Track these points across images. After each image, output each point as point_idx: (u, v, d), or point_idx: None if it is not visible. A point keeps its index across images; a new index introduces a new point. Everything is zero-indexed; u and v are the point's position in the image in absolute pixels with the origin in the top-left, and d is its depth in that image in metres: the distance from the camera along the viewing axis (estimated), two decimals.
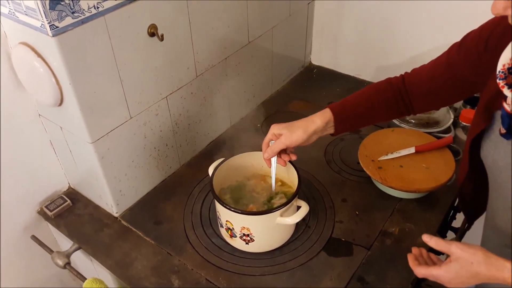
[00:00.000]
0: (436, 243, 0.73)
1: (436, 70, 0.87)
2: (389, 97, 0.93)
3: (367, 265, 0.97)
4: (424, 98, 0.91)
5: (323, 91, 1.56)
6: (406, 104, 0.93)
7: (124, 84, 0.96)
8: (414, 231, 1.05)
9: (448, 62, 0.85)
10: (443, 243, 0.72)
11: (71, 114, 0.92)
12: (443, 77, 0.86)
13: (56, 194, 1.17)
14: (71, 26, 0.80)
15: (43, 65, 0.85)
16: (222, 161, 1.03)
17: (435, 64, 0.88)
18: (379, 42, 1.50)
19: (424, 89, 0.90)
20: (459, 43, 0.84)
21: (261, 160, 1.03)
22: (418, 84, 0.91)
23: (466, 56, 0.81)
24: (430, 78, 0.88)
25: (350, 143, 1.30)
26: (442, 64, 0.86)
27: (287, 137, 0.90)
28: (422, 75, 0.90)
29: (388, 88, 0.93)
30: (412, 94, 0.92)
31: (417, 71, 0.93)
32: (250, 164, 1.07)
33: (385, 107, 0.94)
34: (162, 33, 0.95)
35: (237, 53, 1.28)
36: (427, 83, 0.89)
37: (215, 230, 1.06)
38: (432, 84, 0.88)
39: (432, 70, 0.88)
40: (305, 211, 0.93)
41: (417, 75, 0.92)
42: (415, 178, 1.06)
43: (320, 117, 0.92)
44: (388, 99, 0.93)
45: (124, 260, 1.01)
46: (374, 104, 0.93)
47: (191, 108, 1.19)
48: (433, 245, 0.73)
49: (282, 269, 0.97)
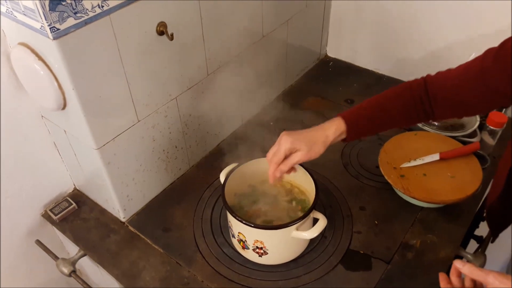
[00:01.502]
0: (470, 271, 0.67)
1: (466, 77, 0.79)
2: (408, 103, 0.85)
3: (387, 281, 0.92)
4: (448, 106, 0.84)
5: (340, 87, 1.48)
6: (427, 111, 0.85)
7: (131, 87, 0.90)
8: (436, 243, 0.99)
9: (482, 70, 0.77)
10: (479, 272, 0.66)
11: (75, 119, 0.86)
12: (474, 86, 0.78)
13: (61, 196, 1.12)
14: (73, 28, 0.73)
15: (44, 68, 0.79)
16: (234, 168, 0.98)
17: (465, 69, 0.80)
18: (399, 34, 1.41)
19: (449, 97, 0.82)
20: (496, 50, 0.75)
21: None
22: (442, 90, 0.83)
23: (503, 65, 0.73)
24: (457, 85, 0.80)
25: (369, 145, 1.23)
26: (473, 71, 0.78)
27: (306, 155, 0.82)
28: (448, 81, 0.82)
29: (407, 93, 0.86)
30: (435, 100, 0.84)
31: (443, 75, 0.84)
32: (265, 169, 1.01)
33: (403, 114, 0.86)
34: (172, 32, 0.88)
35: (250, 48, 1.20)
36: (453, 90, 0.81)
37: (226, 238, 1.01)
38: (460, 92, 0.80)
39: (461, 76, 0.80)
40: (322, 225, 0.88)
41: (442, 80, 0.84)
42: (439, 188, 0.99)
43: (332, 129, 0.85)
44: (407, 106, 0.85)
45: (132, 270, 0.96)
46: (391, 111, 0.86)
47: (201, 107, 1.12)
48: (467, 273, 0.67)
49: (297, 283, 0.92)
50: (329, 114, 0.87)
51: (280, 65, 1.39)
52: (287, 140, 0.82)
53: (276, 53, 1.34)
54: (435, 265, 0.94)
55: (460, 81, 0.80)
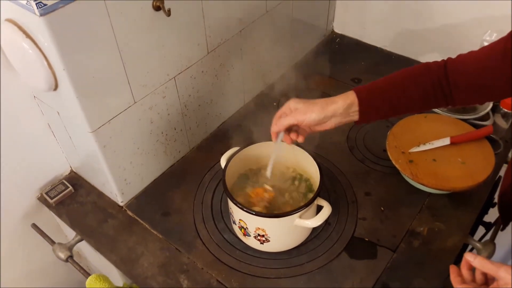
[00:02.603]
0: (481, 264, 0.64)
1: (489, 60, 0.74)
2: (426, 85, 0.79)
3: (392, 270, 0.89)
4: (469, 91, 0.78)
5: (346, 65, 1.42)
6: (446, 95, 0.79)
7: (127, 67, 0.85)
8: (444, 231, 0.95)
9: (505, 52, 0.71)
10: (490, 265, 0.63)
11: (67, 101, 0.82)
12: (497, 68, 0.73)
13: (57, 178, 1.09)
14: (62, 3, 0.68)
15: (32, 46, 0.74)
16: (236, 152, 0.93)
17: (488, 52, 0.74)
18: (409, 9, 1.34)
19: (472, 81, 0.77)
20: None
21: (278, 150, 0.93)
22: (464, 73, 0.77)
23: None
24: (480, 68, 0.75)
25: (376, 127, 1.19)
26: (497, 54, 0.72)
27: (301, 112, 0.80)
28: (470, 64, 0.77)
29: (425, 74, 0.79)
30: (456, 84, 0.78)
31: (464, 58, 0.78)
32: (267, 154, 0.97)
33: (421, 96, 0.80)
34: (169, 7, 0.83)
35: (253, 24, 1.14)
36: (476, 74, 0.76)
37: (227, 224, 0.98)
38: (483, 76, 0.75)
39: (484, 59, 0.75)
40: (327, 213, 0.84)
41: (463, 63, 0.78)
42: (449, 175, 0.95)
43: (342, 98, 0.80)
44: (426, 88, 0.79)
45: (130, 256, 0.94)
46: (408, 91, 0.80)
47: (201, 88, 1.07)
48: (478, 266, 0.64)
49: (300, 271, 0.90)
50: (335, 94, 0.82)
51: (284, 43, 1.32)
52: (291, 101, 0.83)
53: (281, 30, 1.27)
54: (442, 253, 0.91)
55: (483, 64, 0.74)
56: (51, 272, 1.21)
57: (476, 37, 1.22)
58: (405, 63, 1.43)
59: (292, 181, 0.97)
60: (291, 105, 0.82)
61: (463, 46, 1.29)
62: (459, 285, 0.66)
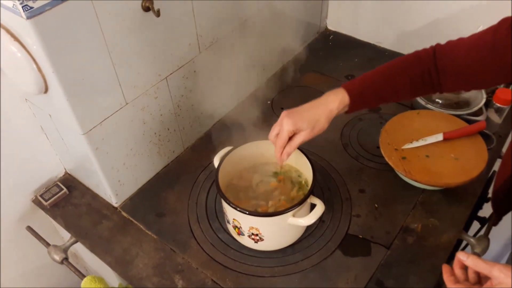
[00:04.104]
0: (474, 263, 0.64)
1: (478, 49, 0.74)
2: (416, 74, 0.81)
3: (386, 267, 0.89)
4: (456, 78, 0.79)
5: (340, 62, 1.42)
6: (434, 83, 0.81)
7: (117, 68, 0.84)
8: (438, 227, 0.96)
9: (494, 44, 0.71)
10: (483, 265, 0.63)
11: (58, 103, 0.81)
12: (486, 59, 0.73)
13: (51, 181, 1.09)
14: (49, 6, 0.68)
15: (21, 50, 0.74)
16: (229, 151, 0.93)
17: (477, 41, 0.74)
18: (402, 5, 1.34)
19: (459, 68, 0.77)
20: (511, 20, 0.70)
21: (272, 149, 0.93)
22: (452, 60, 0.78)
23: None
24: (468, 57, 0.75)
25: (369, 124, 1.19)
26: (486, 43, 0.73)
27: (309, 134, 0.80)
28: (458, 51, 0.77)
29: (415, 64, 0.81)
30: (444, 72, 0.79)
31: (453, 44, 0.79)
32: (260, 153, 0.97)
33: (410, 86, 0.82)
34: (158, 8, 0.82)
35: (245, 22, 1.14)
36: (463, 62, 0.76)
37: (222, 224, 0.98)
38: (470, 64, 0.75)
39: (472, 48, 0.75)
40: (320, 211, 0.84)
41: (452, 50, 0.78)
42: (442, 171, 0.95)
43: (336, 103, 0.82)
44: (415, 77, 0.81)
45: (125, 257, 0.94)
46: (398, 85, 0.82)
47: (194, 87, 1.07)
48: (471, 265, 0.64)
49: (294, 270, 0.90)
50: (328, 91, 0.83)
51: (277, 40, 1.32)
52: (289, 122, 0.80)
53: (273, 28, 1.27)
54: (437, 249, 0.91)
55: (471, 51, 0.75)
56: (47, 274, 1.21)
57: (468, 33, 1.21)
58: None
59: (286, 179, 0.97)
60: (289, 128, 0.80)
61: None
62: (452, 285, 0.66)
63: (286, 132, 0.80)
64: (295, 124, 0.79)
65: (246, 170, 0.99)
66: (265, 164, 0.99)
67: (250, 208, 0.90)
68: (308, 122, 0.80)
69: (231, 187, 0.96)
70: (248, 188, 0.96)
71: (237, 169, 0.98)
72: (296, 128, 0.80)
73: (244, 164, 0.98)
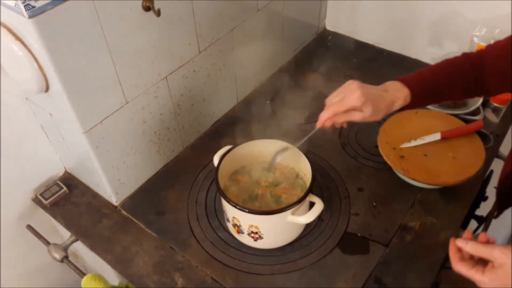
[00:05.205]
0: (473, 249, 0.64)
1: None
2: (468, 76, 0.80)
3: (385, 265, 0.90)
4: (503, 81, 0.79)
5: (339, 63, 1.43)
6: (484, 87, 0.81)
7: (118, 67, 0.85)
8: (436, 225, 0.96)
9: None
10: (483, 248, 0.63)
11: (59, 102, 0.82)
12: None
13: (51, 179, 1.09)
14: (50, 5, 0.68)
15: (22, 48, 0.74)
16: (229, 150, 0.94)
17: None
18: (401, 5, 1.34)
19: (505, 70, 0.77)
20: None
21: (271, 148, 0.94)
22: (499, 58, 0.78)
23: None
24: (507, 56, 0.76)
25: (368, 123, 1.14)
26: None
27: (367, 119, 0.77)
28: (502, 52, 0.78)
29: (466, 66, 0.81)
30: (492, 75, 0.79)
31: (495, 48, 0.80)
32: (259, 152, 0.98)
33: (464, 85, 0.81)
34: (158, 7, 0.83)
35: (245, 23, 1.14)
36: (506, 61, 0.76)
37: (221, 222, 0.99)
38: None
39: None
40: (319, 209, 0.85)
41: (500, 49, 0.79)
42: (440, 169, 0.96)
43: (400, 102, 0.79)
44: (468, 79, 0.80)
45: (125, 255, 0.94)
46: (455, 82, 0.81)
47: (194, 87, 1.08)
48: (471, 251, 0.64)
49: (293, 267, 0.90)
50: (327, 91, 0.82)
51: (276, 41, 1.33)
52: (360, 100, 0.74)
53: (272, 28, 1.28)
54: (434, 248, 0.92)
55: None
56: (47, 272, 1.21)
57: (466, 33, 1.23)
58: (397, 59, 1.43)
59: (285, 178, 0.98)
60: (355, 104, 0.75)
61: (454, 42, 1.30)
62: (457, 261, 0.66)
63: (351, 106, 0.76)
64: (364, 104, 0.75)
65: (245, 169, 0.99)
66: (264, 163, 1.00)
67: (249, 206, 0.91)
68: (373, 109, 0.76)
69: (231, 185, 0.96)
70: (248, 187, 0.96)
71: (237, 168, 0.98)
72: (361, 108, 0.76)
73: (243, 163, 0.99)
